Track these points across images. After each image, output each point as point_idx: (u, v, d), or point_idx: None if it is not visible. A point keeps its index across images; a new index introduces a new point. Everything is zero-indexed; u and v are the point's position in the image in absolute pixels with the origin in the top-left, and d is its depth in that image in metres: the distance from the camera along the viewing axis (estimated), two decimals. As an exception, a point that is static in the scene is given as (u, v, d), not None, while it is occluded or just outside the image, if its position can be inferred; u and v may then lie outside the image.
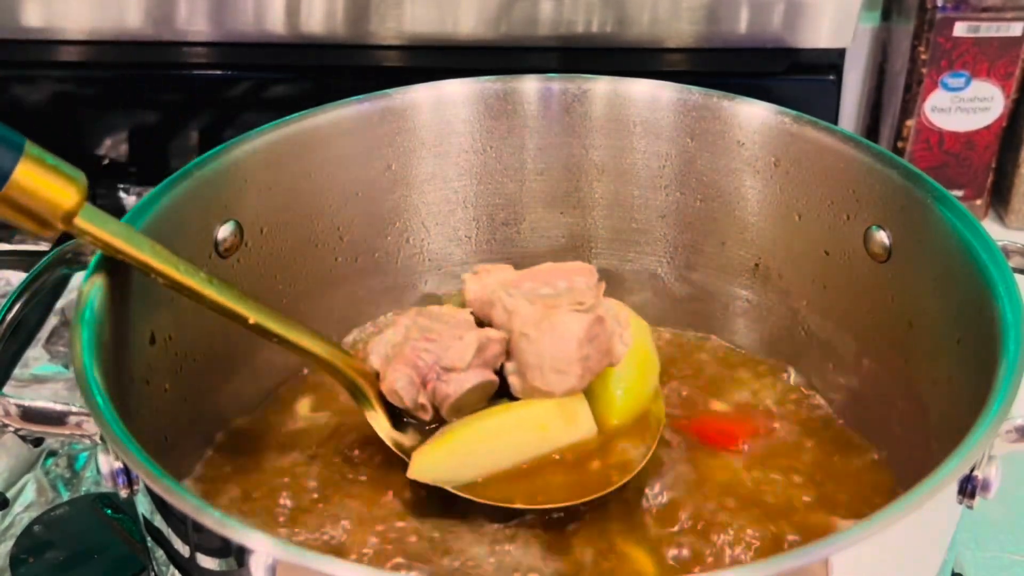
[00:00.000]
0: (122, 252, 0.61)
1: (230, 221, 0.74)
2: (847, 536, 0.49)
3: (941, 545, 0.58)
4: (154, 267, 0.62)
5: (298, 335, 0.67)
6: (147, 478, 0.52)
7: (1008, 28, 1.04)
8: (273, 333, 0.66)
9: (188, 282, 0.63)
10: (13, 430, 0.61)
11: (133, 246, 0.61)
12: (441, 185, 0.84)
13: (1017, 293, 0.61)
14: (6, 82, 1.09)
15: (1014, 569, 0.77)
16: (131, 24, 1.07)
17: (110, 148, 1.12)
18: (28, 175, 0.57)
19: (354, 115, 0.80)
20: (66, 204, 0.58)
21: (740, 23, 1.04)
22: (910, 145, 1.11)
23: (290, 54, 1.09)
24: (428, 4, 1.04)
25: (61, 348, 0.94)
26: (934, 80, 1.07)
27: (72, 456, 0.85)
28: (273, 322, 0.66)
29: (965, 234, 0.66)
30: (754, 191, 0.80)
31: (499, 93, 0.82)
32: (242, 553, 0.50)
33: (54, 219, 0.58)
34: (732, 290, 0.83)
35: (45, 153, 0.58)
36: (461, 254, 0.86)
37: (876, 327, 0.75)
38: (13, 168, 0.56)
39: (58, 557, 0.76)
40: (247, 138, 0.75)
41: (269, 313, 0.66)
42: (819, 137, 0.76)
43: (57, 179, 0.58)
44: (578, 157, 0.84)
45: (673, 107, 0.81)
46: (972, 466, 0.54)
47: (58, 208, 0.58)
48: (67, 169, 0.59)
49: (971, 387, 0.60)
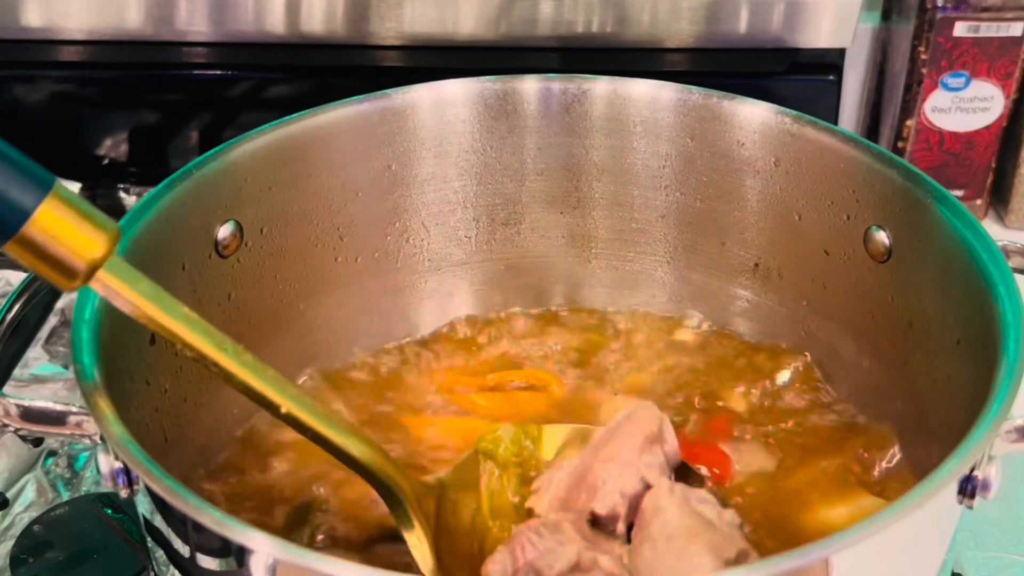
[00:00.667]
0: (150, 318, 0.55)
1: (230, 221, 0.74)
2: (847, 536, 0.49)
3: (941, 545, 0.58)
4: (184, 339, 0.56)
5: (336, 433, 0.59)
6: (147, 478, 0.52)
7: (1008, 28, 1.04)
8: (307, 427, 0.58)
9: (220, 360, 0.57)
10: (13, 430, 0.61)
11: (164, 311, 0.56)
12: (441, 185, 0.84)
13: (1017, 293, 0.61)
14: (6, 82, 1.09)
15: (1014, 569, 0.77)
16: (131, 24, 1.07)
17: (110, 148, 1.12)
18: (52, 216, 0.52)
19: (354, 115, 0.79)
20: (92, 253, 0.53)
21: (740, 23, 1.04)
22: (910, 145, 1.11)
23: (290, 54, 1.09)
24: (428, 4, 1.04)
25: (61, 348, 0.94)
26: (934, 80, 1.07)
27: (72, 456, 0.85)
28: (309, 414, 0.58)
29: (965, 234, 0.66)
30: (754, 191, 0.80)
31: (499, 93, 0.82)
32: (242, 553, 0.50)
33: (76, 268, 0.53)
34: (732, 290, 0.83)
35: (78, 198, 0.53)
36: (461, 254, 0.86)
37: (876, 327, 0.75)
38: (37, 205, 0.51)
39: (58, 557, 0.76)
40: (247, 138, 0.75)
41: (305, 403, 0.58)
42: (819, 137, 0.76)
43: (85, 225, 0.53)
44: (578, 157, 0.84)
45: (673, 107, 0.81)
46: (972, 466, 0.54)
47: (81, 257, 0.52)
48: (99, 217, 0.53)
49: (971, 387, 0.60)
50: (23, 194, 0.51)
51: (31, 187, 0.52)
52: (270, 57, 1.09)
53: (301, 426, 0.58)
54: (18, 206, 0.51)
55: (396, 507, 0.61)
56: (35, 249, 0.52)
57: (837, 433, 0.76)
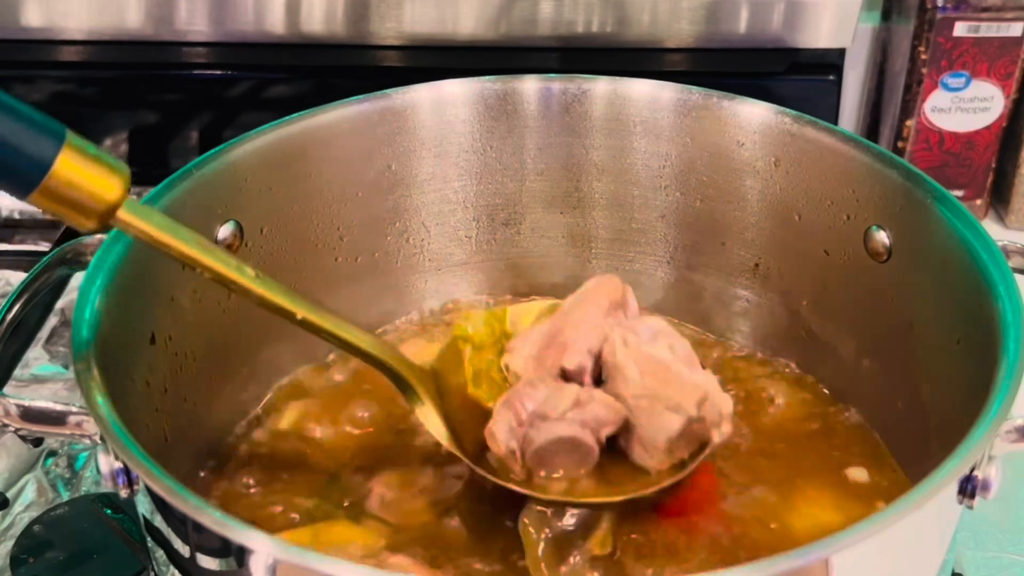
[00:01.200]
0: (167, 246, 0.59)
1: (230, 221, 0.74)
2: (847, 536, 0.49)
3: (941, 545, 0.58)
4: (201, 262, 0.60)
5: (347, 331, 0.65)
6: (147, 478, 0.52)
7: (1008, 28, 1.04)
8: (322, 328, 0.64)
9: (236, 277, 0.61)
10: (13, 430, 0.61)
11: (179, 240, 0.60)
12: (441, 185, 0.84)
13: (1017, 293, 0.61)
14: (6, 82, 1.09)
15: (1014, 569, 0.77)
16: (131, 24, 1.07)
17: (110, 148, 1.12)
18: (70, 165, 0.55)
19: (354, 115, 0.80)
20: (109, 196, 0.56)
21: (740, 23, 1.04)
22: (910, 145, 1.11)
23: (290, 54, 1.09)
24: (428, 4, 1.04)
25: (61, 348, 0.94)
26: (934, 80, 1.07)
27: (72, 456, 0.85)
28: (321, 317, 0.64)
29: (965, 234, 0.66)
30: (754, 191, 0.80)
31: (499, 93, 0.82)
32: (242, 553, 0.50)
33: (96, 211, 0.56)
34: (732, 290, 0.83)
35: (87, 143, 0.57)
36: (461, 254, 0.86)
37: (876, 327, 0.75)
38: (55, 158, 0.55)
39: (58, 557, 0.76)
40: (247, 138, 0.75)
41: (316, 308, 0.64)
42: (819, 137, 0.76)
43: (100, 170, 0.56)
44: (578, 157, 0.84)
45: (673, 107, 0.81)
46: (972, 466, 0.54)
47: (101, 200, 0.56)
48: (110, 160, 0.57)
49: (971, 387, 0.60)
50: (40, 147, 0.55)
51: (47, 140, 0.55)
52: (270, 57, 1.09)
53: (316, 328, 0.64)
54: (37, 159, 0.54)
55: (407, 390, 0.67)
56: (56, 197, 0.55)
57: (837, 433, 0.76)
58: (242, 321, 0.76)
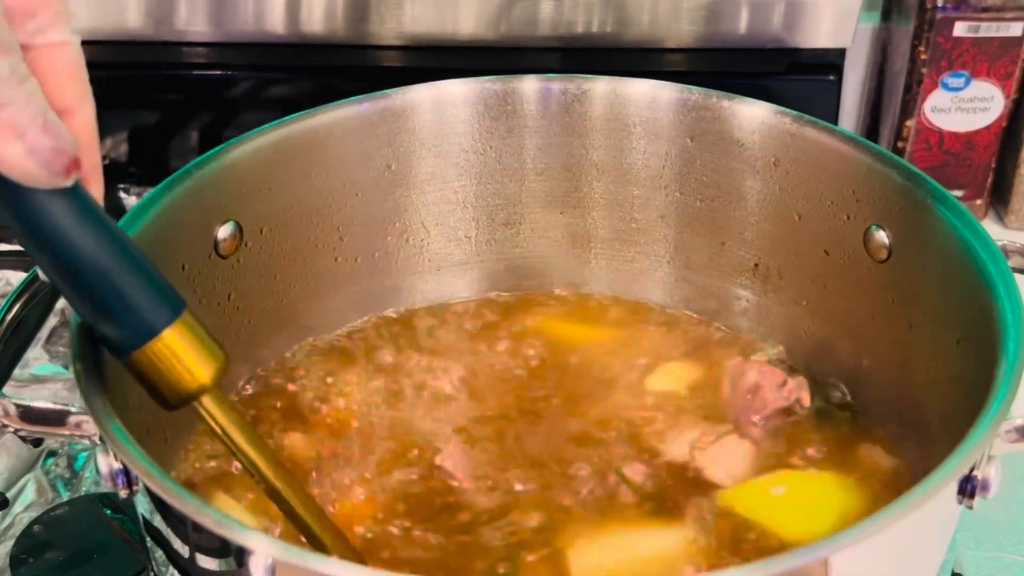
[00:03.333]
0: (235, 445, 0.58)
1: (230, 221, 0.74)
2: (847, 536, 0.49)
3: (941, 545, 0.58)
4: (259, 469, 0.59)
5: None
6: (147, 478, 0.52)
7: (1008, 28, 1.04)
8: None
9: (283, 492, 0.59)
10: (13, 430, 0.61)
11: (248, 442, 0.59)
12: (441, 185, 0.84)
13: (1017, 293, 0.61)
14: (6, 82, 1.09)
15: (1014, 569, 0.77)
16: (131, 24, 1.07)
17: (110, 148, 1.12)
18: (176, 340, 0.55)
19: (354, 115, 0.79)
20: (202, 378, 0.56)
21: (740, 23, 1.04)
22: (910, 145, 1.11)
23: (290, 54, 1.09)
24: (428, 4, 1.04)
25: (61, 348, 0.94)
26: (934, 80, 1.07)
27: (72, 456, 0.85)
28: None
29: (965, 234, 0.66)
30: (754, 191, 0.80)
31: (499, 93, 0.82)
32: (242, 553, 0.50)
33: (185, 391, 0.56)
34: (732, 290, 0.83)
35: (200, 323, 0.56)
36: (461, 254, 0.86)
37: (876, 327, 0.75)
38: (166, 326, 0.54)
39: (58, 557, 0.76)
40: (247, 138, 0.75)
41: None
42: (819, 137, 0.76)
43: (202, 352, 0.56)
44: (578, 157, 0.84)
45: (673, 107, 0.81)
46: (972, 466, 0.54)
47: (194, 380, 0.56)
48: (213, 345, 0.57)
49: (971, 387, 0.60)
50: (156, 314, 0.54)
51: (164, 308, 0.55)
52: (270, 57, 1.09)
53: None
54: (149, 322, 0.54)
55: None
56: (153, 366, 0.55)
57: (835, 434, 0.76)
58: (242, 321, 0.76)
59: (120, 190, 1.11)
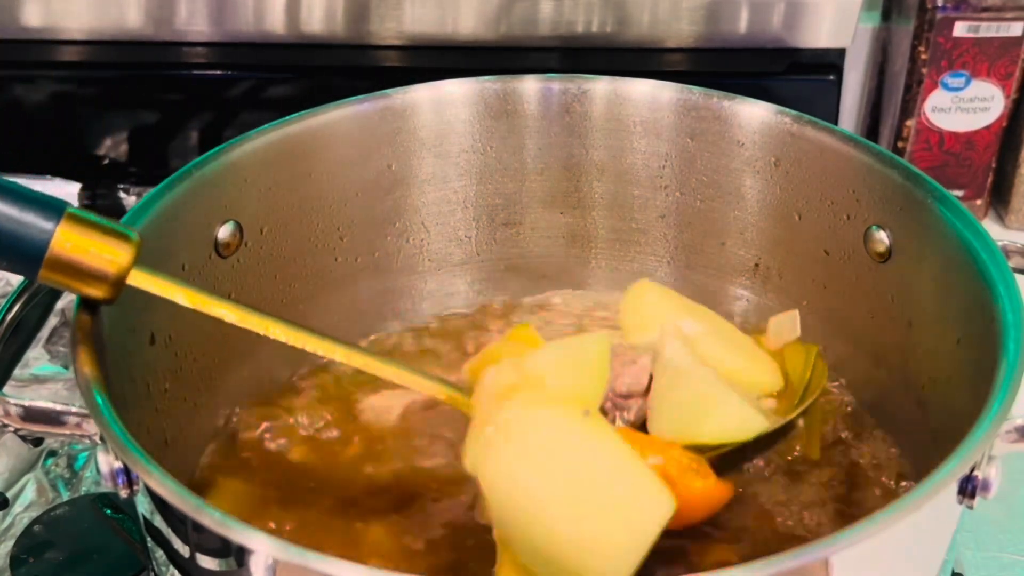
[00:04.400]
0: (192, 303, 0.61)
1: (230, 221, 0.74)
2: (847, 536, 0.49)
3: (941, 545, 0.58)
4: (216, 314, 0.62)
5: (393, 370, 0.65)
6: (147, 478, 0.52)
7: (1008, 28, 1.04)
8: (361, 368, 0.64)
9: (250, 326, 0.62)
10: (13, 430, 0.61)
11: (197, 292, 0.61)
12: (441, 185, 0.84)
13: (1017, 293, 0.61)
14: (6, 82, 1.09)
15: (1014, 569, 0.77)
16: (131, 24, 1.07)
17: (110, 148, 1.12)
18: (71, 236, 0.57)
19: (354, 115, 0.80)
20: (120, 261, 0.58)
21: (740, 23, 1.04)
22: (910, 145, 1.11)
23: (290, 54, 1.09)
24: (428, 4, 1.04)
25: (61, 348, 0.94)
26: (934, 80, 1.07)
27: (72, 456, 0.85)
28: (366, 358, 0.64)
29: (965, 234, 0.66)
30: (754, 191, 0.80)
31: (499, 93, 0.82)
32: (242, 553, 0.50)
33: (107, 279, 0.58)
34: (732, 290, 0.83)
35: (89, 213, 0.58)
36: (461, 254, 0.86)
37: (876, 327, 0.75)
38: (54, 230, 0.56)
39: (58, 557, 0.76)
40: (247, 138, 0.75)
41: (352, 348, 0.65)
42: (819, 137, 0.76)
43: (105, 238, 0.58)
44: (578, 157, 0.84)
45: (673, 107, 0.81)
46: (972, 466, 0.54)
47: (111, 265, 0.58)
48: (115, 227, 0.59)
49: (971, 387, 0.60)
50: (39, 222, 0.56)
51: (45, 215, 0.57)
52: (270, 57, 1.09)
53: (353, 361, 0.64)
54: (37, 234, 0.56)
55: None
56: (64, 269, 0.57)
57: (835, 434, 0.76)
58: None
59: (120, 190, 1.11)
